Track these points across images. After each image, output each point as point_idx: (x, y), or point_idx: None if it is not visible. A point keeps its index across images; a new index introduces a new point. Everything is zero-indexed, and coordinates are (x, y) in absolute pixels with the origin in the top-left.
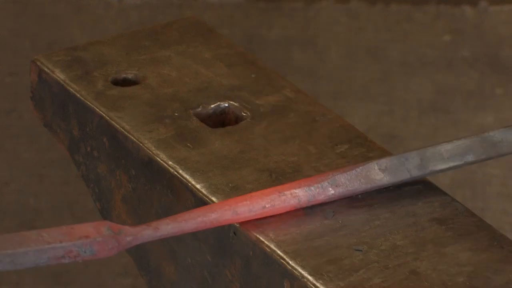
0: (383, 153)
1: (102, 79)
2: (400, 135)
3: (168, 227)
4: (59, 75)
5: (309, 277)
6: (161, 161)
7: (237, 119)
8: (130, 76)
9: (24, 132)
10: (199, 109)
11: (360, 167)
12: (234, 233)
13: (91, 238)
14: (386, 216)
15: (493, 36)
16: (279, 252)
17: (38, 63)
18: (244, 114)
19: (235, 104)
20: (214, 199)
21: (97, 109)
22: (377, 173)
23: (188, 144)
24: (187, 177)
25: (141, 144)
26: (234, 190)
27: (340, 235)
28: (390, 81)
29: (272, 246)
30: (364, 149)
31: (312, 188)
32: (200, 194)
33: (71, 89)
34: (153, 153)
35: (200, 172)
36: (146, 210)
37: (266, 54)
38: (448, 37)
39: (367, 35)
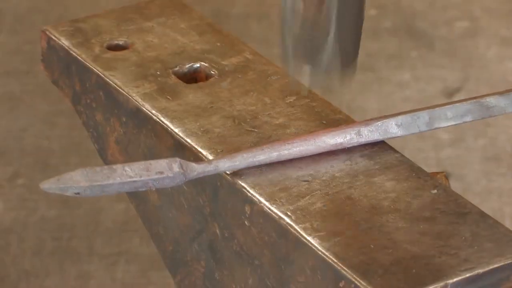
0: (325, 103)
1: (98, 45)
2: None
3: (225, 165)
4: (64, 42)
5: (265, 203)
6: (146, 110)
7: (207, 77)
8: (121, 42)
9: (39, 89)
10: (177, 68)
11: (380, 122)
12: None
13: (164, 175)
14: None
15: (409, 10)
16: (241, 182)
17: (47, 32)
18: (213, 73)
19: (205, 64)
20: (189, 140)
21: (94, 69)
22: (393, 128)
23: (168, 97)
24: (167, 123)
25: (130, 97)
26: (205, 133)
27: (291, 169)
28: None
29: (235, 178)
30: (308, 100)
31: (339, 137)
32: (178, 136)
33: (73, 53)
34: (139, 104)
35: (178, 119)
36: (135, 149)
37: (230, 26)
38: (373, 11)
39: None
